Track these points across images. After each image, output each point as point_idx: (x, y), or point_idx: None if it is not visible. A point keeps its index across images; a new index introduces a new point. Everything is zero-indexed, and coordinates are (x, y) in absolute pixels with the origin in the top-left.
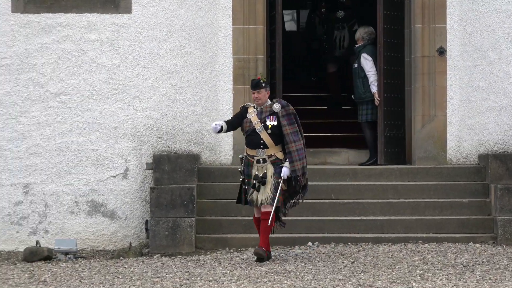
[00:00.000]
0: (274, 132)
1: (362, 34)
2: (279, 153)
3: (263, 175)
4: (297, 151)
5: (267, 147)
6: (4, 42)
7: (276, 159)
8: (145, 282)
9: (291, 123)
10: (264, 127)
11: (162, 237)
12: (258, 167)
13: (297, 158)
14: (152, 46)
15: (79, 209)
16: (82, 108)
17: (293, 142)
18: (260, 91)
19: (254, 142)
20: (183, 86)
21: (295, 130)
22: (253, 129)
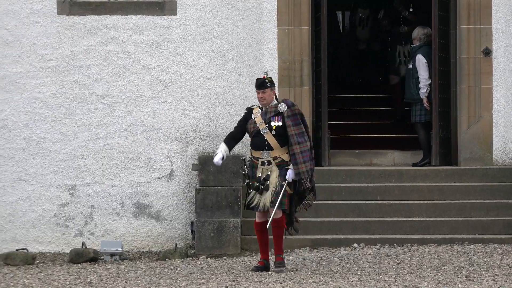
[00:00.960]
0: (279, 133)
1: (420, 35)
2: (285, 154)
3: (266, 177)
4: (301, 153)
5: (272, 149)
6: (50, 44)
7: (281, 161)
8: (190, 284)
9: (297, 124)
10: (268, 128)
11: (208, 239)
12: (263, 169)
13: (301, 160)
14: (197, 47)
15: (124, 211)
16: (127, 110)
17: (298, 144)
18: (265, 90)
19: (258, 144)
20: (228, 88)
21: (301, 131)
22: (258, 130)
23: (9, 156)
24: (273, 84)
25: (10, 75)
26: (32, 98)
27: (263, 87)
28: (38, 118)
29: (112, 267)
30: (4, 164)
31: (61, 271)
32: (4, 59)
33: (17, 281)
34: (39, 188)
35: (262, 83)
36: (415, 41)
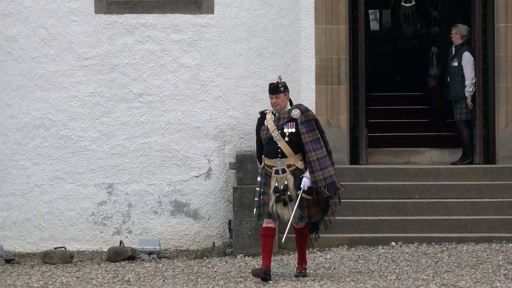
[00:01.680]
0: (293, 140)
1: (464, 32)
2: (299, 162)
3: (284, 187)
4: (318, 160)
5: (286, 156)
6: (88, 43)
7: (296, 169)
8: (228, 282)
9: (311, 130)
10: (281, 135)
11: (245, 237)
12: (277, 178)
13: (318, 168)
14: (235, 46)
15: (162, 209)
16: (165, 109)
17: (313, 151)
18: (278, 95)
19: (271, 151)
20: (266, 86)
21: (316, 137)
22: (270, 137)
23: (47, 154)
24: (287, 89)
25: (48, 73)
26: (70, 96)
27: (277, 92)
28: (76, 116)
29: (150, 266)
30: (42, 163)
31: (99, 270)
32: (42, 57)
33: (55, 279)
34: (77, 187)
35: (275, 88)
36: (457, 39)
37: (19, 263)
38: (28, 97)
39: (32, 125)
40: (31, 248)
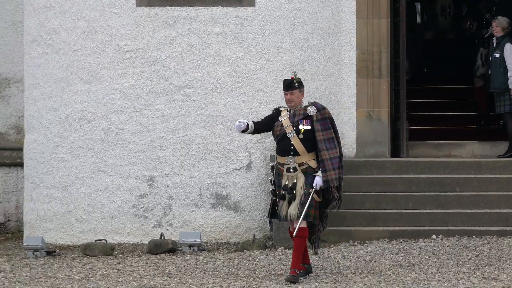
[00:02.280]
0: (307, 137)
1: (505, 24)
2: (311, 161)
3: (293, 185)
4: (330, 159)
5: (298, 154)
6: (129, 36)
7: (308, 167)
8: (269, 275)
9: (326, 129)
10: (296, 132)
11: (286, 230)
12: (288, 176)
13: (330, 167)
14: (276, 39)
15: (203, 202)
16: (206, 101)
17: (327, 150)
18: (293, 92)
19: (284, 148)
20: (307, 79)
21: (331, 136)
22: (284, 134)
23: (88, 147)
24: (302, 85)
25: (89, 66)
26: (111, 89)
27: (291, 88)
28: (117, 109)
29: (191, 258)
30: (83, 155)
31: (140, 262)
32: (83, 50)
33: (96, 271)
34: (118, 179)
35: (290, 84)
36: (498, 32)
37: (60, 255)
38: (69, 90)
39: (73, 118)
40: (72, 240)
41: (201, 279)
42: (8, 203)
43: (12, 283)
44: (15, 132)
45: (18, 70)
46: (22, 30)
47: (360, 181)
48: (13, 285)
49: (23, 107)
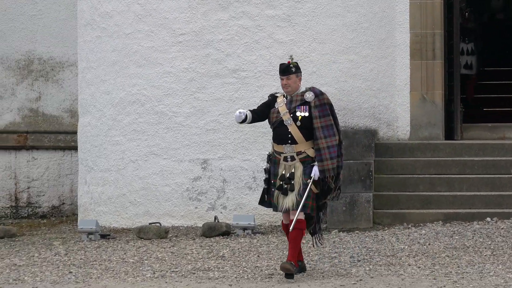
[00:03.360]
0: (305, 125)
1: None
2: (310, 150)
3: (290, 175)
4: (328, 148)
5: (296, 143)
6: (182, 19)
7: (306, 156)
8: (322, 258)
9: (325, 115)
10: (293, 119)
11: (340, 213)
12: (286, 165)
13: (327, 156)
14: (329, 21)
15: (257, 185)
16: (259, 84)
17: (324, 138)
18: (289, 77)
19: (281, 137)
20: (360, 62)
21: (329, 123)
22: (281, 121)
23: (142, 130)
24: (299, 69)
25: (143, 49)
26: (165, 72)
27: (288, 72)
28: (170, 92)
29: (245, 241)
30: (137, 139)
31: (194, 245)
32: (136, 33)
33: (150, 254)
34: (171, 162)
35: (286, 68)
36: None
37: (114, 238)
38: (123, 73)
39: (127, 101)
40: (126, 224)
41: (255, 262)
42: (62, 187)
43: (67, 266)
44: (69, 115)
45: (72, 54)
46: (75, 14)
47: (414, 164)
48: (68, 268)
49: (77, 90)
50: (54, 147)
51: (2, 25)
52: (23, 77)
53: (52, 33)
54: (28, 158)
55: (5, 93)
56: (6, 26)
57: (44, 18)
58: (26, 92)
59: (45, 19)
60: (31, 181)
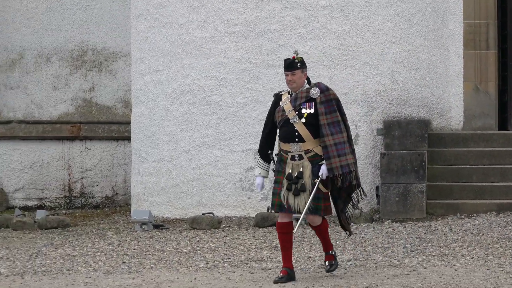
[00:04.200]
0: (311, 122)
1: None
2: (318, 147)
3: (298, 174)
4: (335, 145)
5: (304, 141)
6: (235, 9)
7: (315, 155)
8: (375, 248)
9: (331, 112)
10: (299, 116)
11: (393, 203)
12: (293, 164)
13: (335, 154)
14: (382, 11)
15: None
16: (312, 74)
17: (331, 135)
18: (294, 72)
19: (288, 135)
20: (413, 52)
21: (336, 120)
22: (286, 119)
23: (195, 120)
24: (304, 65)
25: (196, 40)
26: (218, 63)
27: (292, 68)
28: (223, 83)
29: (298, 232)
30: (190, 129)
31: (247, 235)
32: (189, 24)
33: (203, 244)
34: (224, 153)
35: (291, 64)
36: None
37: (167, 228)
38: (176, 64)
39: (180, 91)
40: (179, 214)
41: (308, 252)
42: (116, 177)
43: (120, 256)
44: (122, 106)
45: (125, 44)
46: (128, 4)
47: (467, 154)
48: (121, 258)
49: (130, 81)
50: (107, 138)
51: (56, 16)
52: (76, 68)
53: (105, 24)
54: (81, 149)
55: (59, 83)
56: (60, 16)
57: (98, 8)
58: (79, 82)
59: (99, 10)
60: (85, 172)
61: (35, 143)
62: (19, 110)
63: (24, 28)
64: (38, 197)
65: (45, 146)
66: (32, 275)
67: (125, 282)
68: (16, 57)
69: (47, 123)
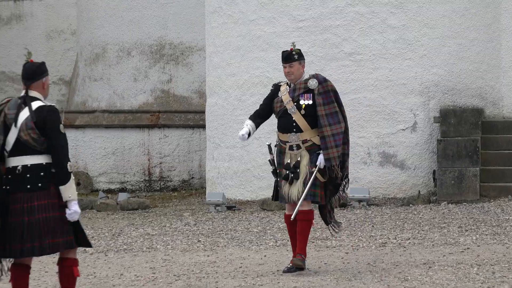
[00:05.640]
0: (309, 113)
1: None
2: (316, 137)
3: (296, 163)
4: (333, 136)
5: (301, 131)
6: (302, 6)
7: (312, 145)
8: (432, 228)
9: (329, 103)
10: (297, 107)
11: (449, 186)
12: (291, 154)
13: (332, 144)
14: (438, 8)
15: (371, 160)
16: (373, 67)
17: (329, 126)
18: (292, 64)
19: (286, 126)
20: (468, 45)
21: (334, 111)
22: (285, 110)
23: None
24: (302, 56)
25: (265, 35)
26: None
27: (290, 60)
28: None
29: (360, 212)
30: None
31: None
32: (259, 20)
33: (273, 225)
34: None
35: (288, 56)
36: None
37: (239, 210)
38: (247, 57)
39: (250, 83)
40: (250, 196)
41: (369, 232)
42: (192, 162)
43: (196, 235)
44: (197, 96)
45: (200, 39)
46: (203, 2)
47: None
48: (197, 237)
49: (204, 73)
50: (184, 126)
51: (136, 13)
52: (155, 61)
53: (181, 20)
54: (160, 136)
55: (139, 75)
56: (140, 13)
57: (175, 6)
58: (158, 74)
59: (176, 7)
60: (163, 157)
61: (117, 131)
62: (102, 100)
63: (107, 24)
64: (120, 180)
65: (126, 134)
66: (114, 253)
67: (200, 259)
68: (100, 52)
69: (128, 112)
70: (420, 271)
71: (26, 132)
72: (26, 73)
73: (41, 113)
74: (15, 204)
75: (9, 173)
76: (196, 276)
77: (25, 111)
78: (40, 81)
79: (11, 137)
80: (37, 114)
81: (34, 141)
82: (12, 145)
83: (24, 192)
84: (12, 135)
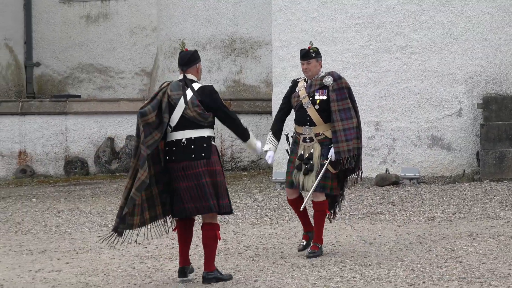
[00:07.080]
0: (323, 108)
1: None
2: (328, 131)
3: (309, 155)
4: (344, 130)
5: (315, 125)
6: (358, 4)
7: (324, 138)
8: (476, 203)
9: (343, 99)
10: (312, 102)
11: (491, 165)
12: (305, 146)
13: (343, 138)
14: (481, 5)
15: (421, 143)
16: (422, 59)
17: (341, 121)
18: (309, 61)
19: (301, 119)
20: (507, 39)
21: (347, 107)
22: (301, 104)
23: None
24: (319, 54)
25: (325, 30)
26: (343, 49)
27: (308, 57)
28: (348, 66)
29: (411, 189)
30: None
31: (369, 193)
32: (320, 17)
33: None
34: None
35: (306, 53)
36: None
37: None
38: None
39: None
40: None
41: (419, 207)
42: None
43: (263, 210)
44: (265, 85)
45: (267, 34)
46: (270, 1)
47: None
48: (264, 212)
49: (271, 65)
50: (252, 112)
51: (210, 11)
52: (227, 54)
53: (251, 17)
54: None
55: (212, 67)
56: (213, 11)
57: (244, 4)
58: (229, 66)
59: (245, 5)
60: (234, 140)
61: None
62: None
63: (183, 21)
64: None
65: None
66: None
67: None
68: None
69: None
70: (465, 242)
71: (192, 109)
72: (182, 60)
73: (204, 92)
74: (181, 171)
75: (173, 146)
76: (264, 246)
77: (188, 92)
78: (194, 66)
79: (176, 114)
80: (200, 93)
81: (200, 116)
82: (176, 121)
83: (189, 161)
84: (177, 113)
